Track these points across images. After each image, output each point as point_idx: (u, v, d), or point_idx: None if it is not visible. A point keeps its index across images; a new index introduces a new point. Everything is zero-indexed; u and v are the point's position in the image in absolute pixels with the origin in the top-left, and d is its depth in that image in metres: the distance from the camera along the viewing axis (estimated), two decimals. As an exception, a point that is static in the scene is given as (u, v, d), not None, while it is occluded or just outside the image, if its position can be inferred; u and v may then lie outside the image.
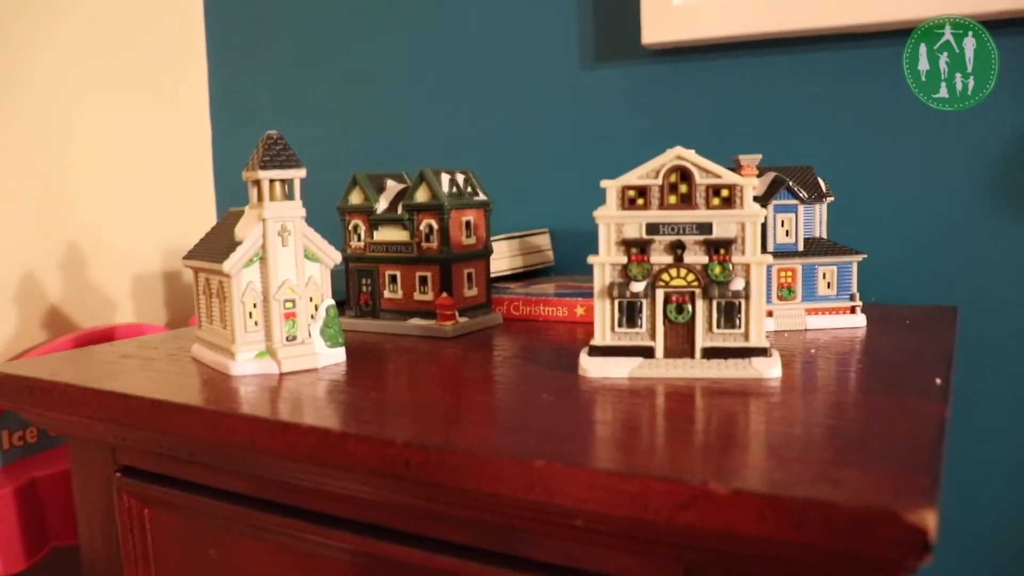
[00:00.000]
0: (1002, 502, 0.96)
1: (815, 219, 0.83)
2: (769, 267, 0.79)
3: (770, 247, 0.81)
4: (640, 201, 0.62)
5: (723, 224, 0.62)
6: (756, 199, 0.80)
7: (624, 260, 0.63)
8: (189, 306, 1.42)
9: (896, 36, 0.95)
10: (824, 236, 0.84)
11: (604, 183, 0.63)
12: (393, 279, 0.86)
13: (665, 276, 0.63)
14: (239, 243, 0.68)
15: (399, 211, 0.84)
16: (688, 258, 0.62)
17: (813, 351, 0.71)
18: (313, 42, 1.33)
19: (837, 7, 0.95)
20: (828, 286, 0.81)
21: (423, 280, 0.84)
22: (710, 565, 0.45)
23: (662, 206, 0.62)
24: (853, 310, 0.81)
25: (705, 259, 0.62)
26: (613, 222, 0.63)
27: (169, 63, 1.38)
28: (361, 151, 1.31)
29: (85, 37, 1.24)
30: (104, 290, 1.29)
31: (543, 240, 1.12)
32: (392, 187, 0.88)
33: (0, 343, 1.14)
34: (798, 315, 0.81)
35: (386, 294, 0.86)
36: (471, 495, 0.48)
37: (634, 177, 0.62)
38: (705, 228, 0.62)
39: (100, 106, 1.26)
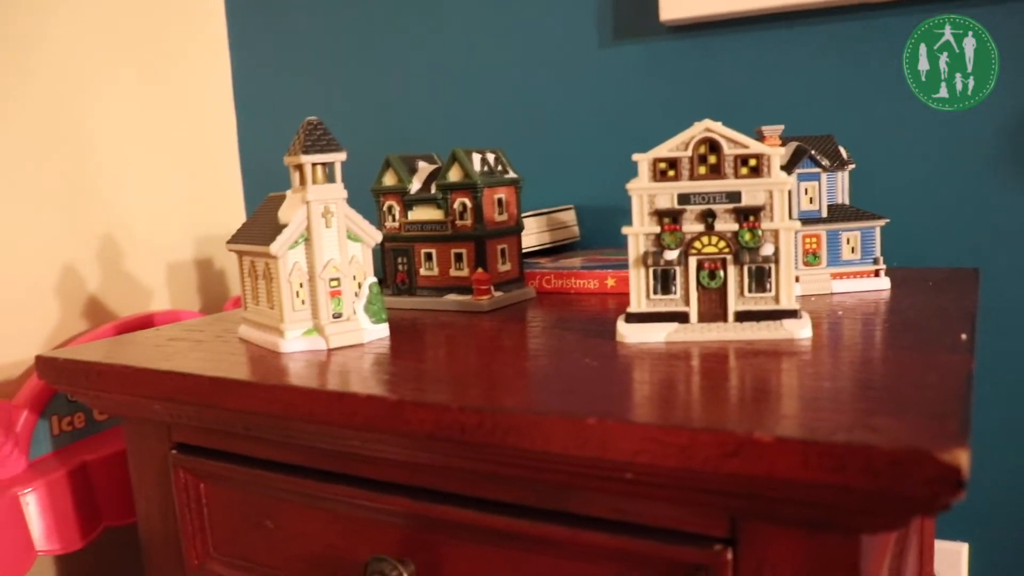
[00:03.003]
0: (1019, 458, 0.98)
1: (838, 186, 0.85)
2: (795, 233, 0.82)
3: (795, 214, 0.83)
4: (671, 173, 0.65)
5: (751, 192, 0.64)
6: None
7: (657, 230, 0.65)
8: (222, 291, 1.45)
9: (912, 6, 0.96)
10: (847, 202, 0.86)
11: (636, 156, 0.65)
12: (429, 257, 0.89)
13: (697, 244, 0.65)
14: (284, 226, 0.70)
15: (433, 191, 0.87)
16: (719, 226, 0.65)
17: (840, 313, 0.74)
18: (335, 27, 1.35)
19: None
20: (852, 251, 0.84)
21: (458, 257, 0.87)
22: (754, 512, 0.48)
23: (692, 177, 0.65)
24: (877, 273, 0.84)
25: (735, 227, 0.65)
26: (646, 193, 0.65)
27: (192, 51, 1.41)
28: (386, 134, 1.33)
29: (108, 29, 1.26)
30: (139, 279, 1.32)
31: (569, 216, 1.15)
32: (424, 168, 0.90)
33: (43, 333, 1.18)
34: (824, 279, 0.83)
35: (422, 272, 0.89)
36: (523, 454, 0.51)
37: (664, 150, 0.65)
38: (734, 197, 0.64)
39: (125, 98, 1.29)
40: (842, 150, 0.86)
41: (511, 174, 0.89)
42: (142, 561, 0.83)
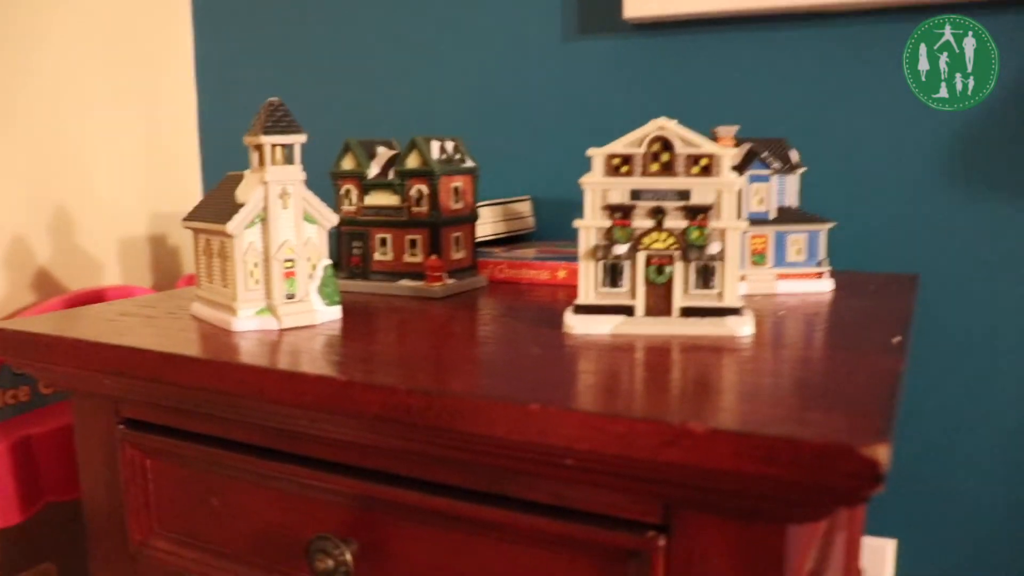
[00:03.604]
0: (953, 457, 1.02)
1: (787, 189, 0.87)
2: (743, 233, 0.84)
3: (744, 215, 0.85)
4: (624, 169, 0.66)
5: (701, 191, 0.66)
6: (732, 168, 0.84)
7: (608, 224, 0.67)
8: (174, 269, 1.44)
9: (868, 16, 0.99)
10: (796, 205, 0.88)
11: (590, 151, 0.66)
12: (383, 242, 0.89)
13: (646, 240, 0.67)
14: (241, 205, 0.71)
15: (390, 176, 0.88)
16: (668, 223, 0.66)
17: (782, 313, 0.76)
18: (300, 10, 1.35)
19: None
20: (798, 252, 0.86)
21: (412, 243, 0.87)
22: (687, 501, 0.50)
23: (645, 173, 0.66)
24: (821, 275, 0.86)
25: (684, 224, 0.66)
26: (599, 188, 0.67)
27: (154, 26, 1.39)
28: (346, 119, 1.33)
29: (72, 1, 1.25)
30: (91, 253, 1.31)
31: (525, 207, 1.16)
32: (383, 153, 0.91)
33: (-9, 302, 1.16)
34: (769, 279, 0.85)
35: (376, 256, 0.90)
36: (467, 438, 0.52)
37: (619, 146, 0.66)
38: (685, 195, 0.66)
39: (86, 70, 1.27)
40: (793, 153, 0.88)
41: (468, 163, 0.90)
42: (84, 536, 0.83)
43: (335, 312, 0.75)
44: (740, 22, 1.06)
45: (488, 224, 1.05)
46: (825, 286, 0.86)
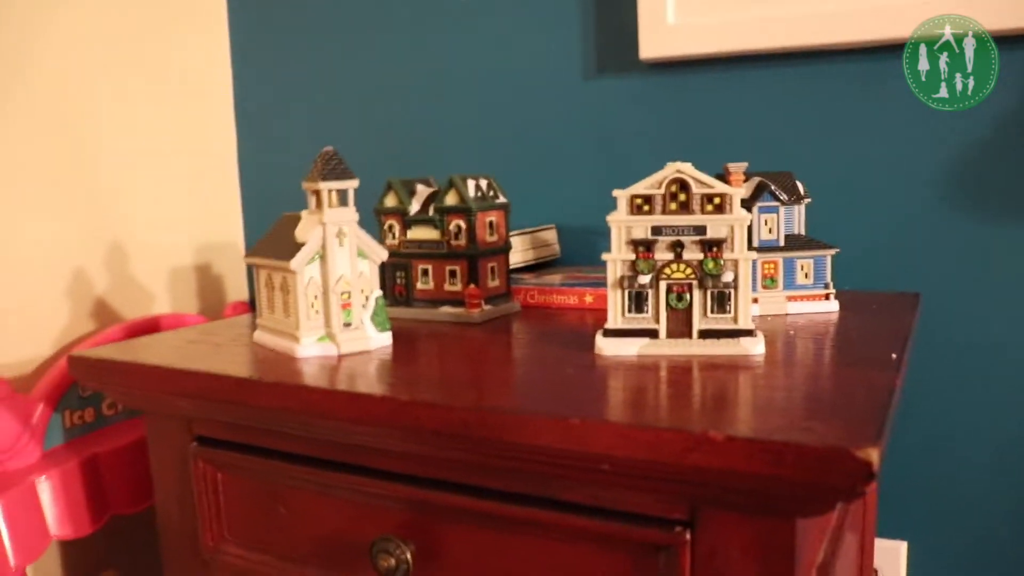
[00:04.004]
0: (960, 462, 1.09)
1: (795, 218, 0.95)
2: (754, 261, 0.91)
3: (756, 243, 0.93)
4: (646, 207, 0.74)
5: (715, 226, 0.74)
6: (743, 202, 0.92)
7: (633, 257, 0.75)
8: (219, 295, 1.53)
9: (868, 53, 1.07)
10: (803, 232, 0.96)
11: (616, 192, 0.75)
12: (425, 272, 0.97)
13: (667, 270, 0.75)
14: (302, 244, 0.79)
15: (431, 213, 0.96)
16: (686, 255, 0.74)
17: (792, 332, 0.84)
18: (334, 51, 1.44)
19: (811, 28, 1.06)
20: (806, 276, 0.94)
21: (452, 273, 0.96)
22: (709, 499, 0.58)
23: (664, 211, 0.74)
24: (827, 296, 0.94)
25: (700, 256, 0.74)
26: (624, 225, 0.75)
27: (194, 65, 1.48)
28: (381, 155, 1.42)
29: (113, 39, 1.33)
30: (143, 283, 1.40)
31: (551, 235, 1.24)
32: (422, 191, 0.99)
33: (54, 333, 1.25)
34: (780, 301, 0.93)
35: (419, 285, 0.98)
36: (515, 448, 0.60)
37: (641, 187, 0.74)
38: (700, 230, 0.74)
39: (130, 109, 1.36)
40: (800, 185, 0.96)
41: (501, 199, 0.99)
42: (150, 547, 0.91)
43: (386, 338, 0.84)
44: (747, 60, 1.14)
45: (518, 252, 1.13)
46: (831, 306, 0.93)
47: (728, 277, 0.74)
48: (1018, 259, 1.04)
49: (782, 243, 0.93)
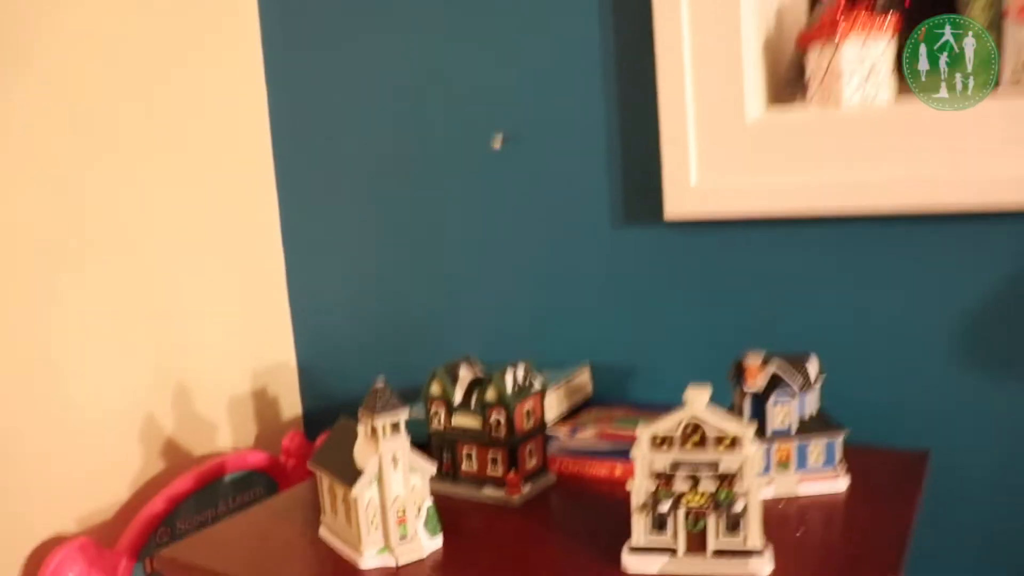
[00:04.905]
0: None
1: (807, 401, 1.03)
2: (770, 446, 1.01)
3: (769, 431, 1.02)
4: (665, 445, 0.84)
5: (728, 462, 0.83)
6: (756, 395, 1.02)
7: (654, 487, 0.84)
8: (275, 421, 1.65)
9: (877, 220, 1.14)
10: (815, 412, 1.04)
11: (639, 431, 0.84)
12: (469, 455, 1.08)
13: (685, 498, 0.84)
14: (361, 470, 0.90)
15: (472, 405, 1.06)
16: (702, 486, 0.84)
17: (799, 534, 0.92)
18: (379, 194, 1.55)
19: (827, 196, 1.14)
20: (816, 458, 1.02)
21: (494, 460, 1.06)
22: None
23: (682, 447, 0.84)
24: (836, 477, 1.02)
25: (715, 487, 0.83)
26: (646, 459, 0.84)
27: (242, 201, 1.60)
28: (427, 297, 1.53)
29: (166, 179, 1.46)
30: (205, 417, 1.52)
31: (584, 378, 1.34)
32: (464, 376, 1.10)
33: (128, 478, 1.38)
34: (792, 483, 1.02)
35: (463, 466, 1.09)
36: None
37: (661, 428, 0.84)
38: (714, 465, 0.83)
39: (189, 256, 1.49)
40: (812, 367, 1.04)
41: (536, 386, 1.08)
42: None
43: (438, 541, 0.94)
44: (763, 223, 1.22)
45: (554, 409, 1.24)
46: (840, 486, 1.02)
47: (739, 506, 0.83)
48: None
49: (794, 431, 1.02)
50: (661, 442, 0.84)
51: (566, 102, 1.35)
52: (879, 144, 1.11)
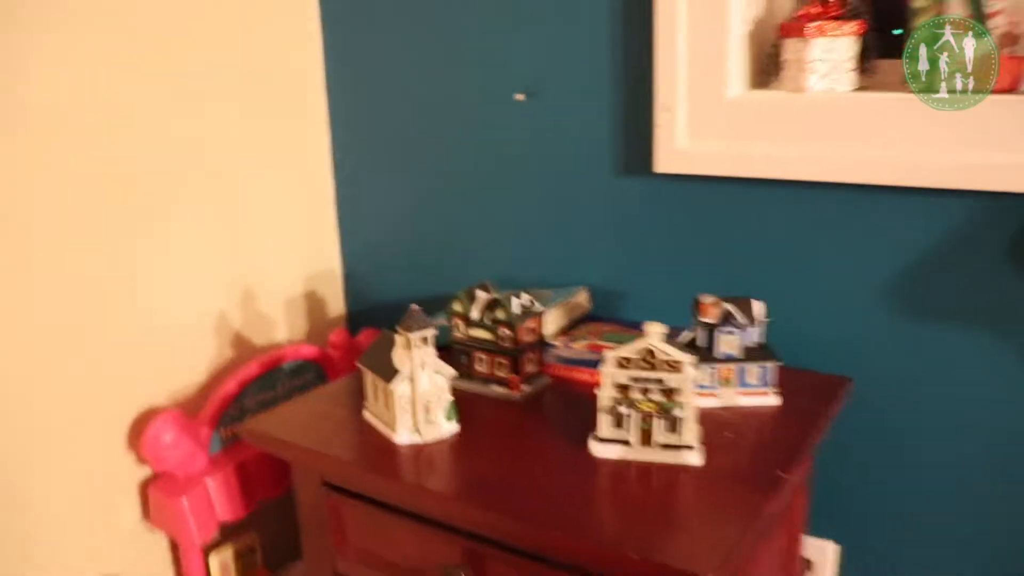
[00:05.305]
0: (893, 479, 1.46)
1: (751, 335, 1.30)
2: (715, 366, 1.28)
3: (719, 355, 1.29)
4: (627, 363, 1.12)
5: (671, 380, 1.11)
6: (711, 325, 1.29)
7: (616, 395, 1.13)
8: (324, 320, 1.95)
9: (833, 187, 1.39)
10: (761, 342, 1.31)
11: (607, 353, 1.12)
12: (481, 360, 1.37)
13: (639, 404, 1.13)
14: (398, 370, 1.19)
15: (486, 321, 1.34)
16: (652, 396, 1.12)
17: (729, 435, 1.20)
18: (411, 133, 1.80)
19: (788, 163, 1.38)
20: (754, 379, 1.30)
21: (500, 364, 1.35)
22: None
23: (639, 367, 1.12)
24: (768, 394, 1.30)
25: (662, 398, 1.12)
26: (611, 374, 1.12)
27: (299, 136, 1.86)
28: (452, 223, 1.80)
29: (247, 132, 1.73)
30: (266, 315, 1.82)
31: (583, 297, 1.62)
32: (480, 298, 1.37)
33: (205, 363, 1.69)
34: (733, 396, 1.30)
35: (477, 367, 1.37)
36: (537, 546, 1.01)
37: (624, 352, 1.11)
38: (661, 381, 1.11)
39: (252, 182, 1.76)
40: (757, 308, 1.31)
41: (538, 308, 1.36)
42: (287, 522, 1.35)
43: (455, 425, 1.24)
44: (737, 181, 1.46)
45: (553, 323, 1.52)
46: (772, 401, 1.30)
47: (679, 412, 1.11)
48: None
49: (739, 355, 1.29)
50: (624, 362, 1.12)
51: (578, 71, 1.58)
52: (835, 126, 1.34)
